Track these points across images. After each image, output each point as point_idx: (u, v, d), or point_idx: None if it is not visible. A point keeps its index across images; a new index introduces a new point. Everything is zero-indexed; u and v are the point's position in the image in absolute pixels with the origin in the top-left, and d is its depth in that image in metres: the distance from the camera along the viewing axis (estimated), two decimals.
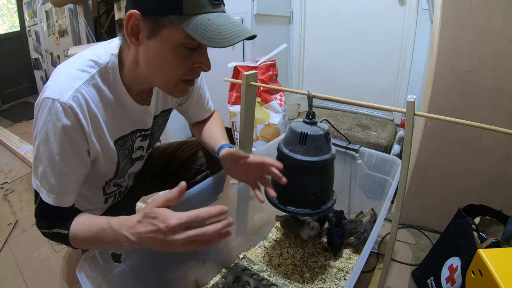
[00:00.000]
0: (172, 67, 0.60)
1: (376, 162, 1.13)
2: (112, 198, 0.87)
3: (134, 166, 0.83)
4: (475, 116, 1.13)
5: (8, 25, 4.27)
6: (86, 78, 0.59)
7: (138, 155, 0.81)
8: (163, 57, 0.58)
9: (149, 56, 0.59)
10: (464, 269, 0.84)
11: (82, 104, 0.57)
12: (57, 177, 0.59)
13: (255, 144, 1.68)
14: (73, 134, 0.58)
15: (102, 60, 0.61)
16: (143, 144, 0.80)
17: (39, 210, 0.63)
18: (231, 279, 0.98)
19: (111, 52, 0.62)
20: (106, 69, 0.61)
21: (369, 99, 0.87)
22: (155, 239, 0.52)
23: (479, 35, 1.08)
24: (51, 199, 0.59)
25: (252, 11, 1.65)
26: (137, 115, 0.71)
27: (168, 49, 0.57)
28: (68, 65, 0.60)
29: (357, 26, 1.86)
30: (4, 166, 2.06)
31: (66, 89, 0.56)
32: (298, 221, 1.15)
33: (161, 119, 0.84)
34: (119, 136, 0.69)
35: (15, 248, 1.28)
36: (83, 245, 0.64)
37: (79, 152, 0.61)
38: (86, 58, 0.60)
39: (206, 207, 0.55)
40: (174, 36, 0.55)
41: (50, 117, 0.55)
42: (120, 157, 0.72)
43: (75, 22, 2.42)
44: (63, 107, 0.55)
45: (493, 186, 1.16)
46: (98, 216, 0.62)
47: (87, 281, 0.61)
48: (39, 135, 0.57)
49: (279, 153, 0.79)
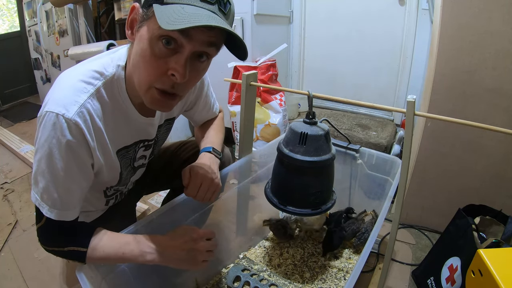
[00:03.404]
0: (146, 65, 0.55)
1: (376, 162, 1.13)
2: (113, 200, 0.87)
3: (136, 174, 0.83)
4: (475, 116, 1.13)
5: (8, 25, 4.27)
6: (91, 92, 0.57)
7: (140, 163, 0.81)
8: (141, 52, 0.54)
9: (134, 51, 0.57)
10: (464, 269, 0.84)
11: (87, 119, 0.56)
12: (61, 192, 0.57)
13: (255, 144, 1.68)
14: (78, 149, 0.56)
15: (108, 72, 0.60)
16: (146, 154, 0.79)
17: (46, 228, 0.61)
18: (231, 279, 0.98)
19: (117, 63, 0.61)
20: (112, 80, 0.60)
21: (369, 99, 0.87)
22: (184, 248, 0.66)
23: (479, 35, 1.08)
24: (53, 214, 0.58)
25: (252, 11, 1.65)
26: (141, 126, 0.70)
27: (147, 43, 0.53)
28: (72, 75, 0.58)
29: (357, 26, 1.86)
30: (4, 166, 2.06)
31: (71, 104, 0.54)
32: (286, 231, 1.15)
33: (165, 127, 0.84)
34: (122, 146, 0.69)
35: (15, 248, 1.28)
36: (100, 261, 0.63)
37: (84, 167, 0.60)
38: (91, 69, 0.59)
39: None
40: (152, 27, 0.52)
41: (54, 133, 0.53)
42: (122, 166, 0.72)
43: (75, 22, 2.42)
44: (68, 123, 0.53)
45: (493, 186, 1.16)
46: (119, 233, 0.66)
47: (87, 281, 0.61)
48: (41, 149, 0.55)
49: (279, 153, 0.79)
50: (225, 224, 1.13)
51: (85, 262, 0.62)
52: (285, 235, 1.15)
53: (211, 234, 0.72)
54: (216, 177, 0.76)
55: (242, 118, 0.99)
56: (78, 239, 0.61)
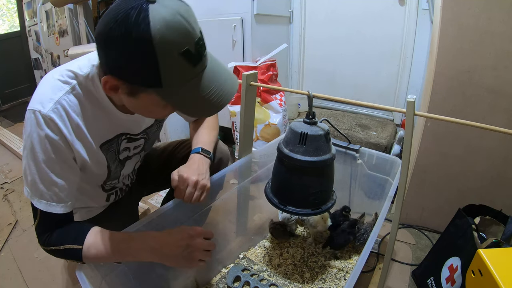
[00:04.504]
0: (147, 114, 0.63)
1: (376, 162, 1.13)
2: (113, 196, 0.88)
3: (125, 167, 0.84)
4: (475, 116, 1.13)
5: (8, 25, 4.28)
6: (67, 89, 0.60)
7: (125, 155, 0.81)
8: (140, 108, 0.60)
9: (128, 103, 0.60)
10: (464, 269, 0.84)
11: (63, 115, 0.59)
12: (46, 185, 0.60)
13: (255, 144, 1.68)
14: (57, 143, 0.59)
15: (82, 72, 0.61)
16: (129, 146, 0.80)
17: (42, 224, 0.63)
18: (231, 279, 0.98)
19: (92, 63, 0.62)
20: (86, 79, 0.62)
21: (369, 99, 0.87)
22: (181, 244, 0.66)
23: (479, 35, 1.08)
24: (42, 205, 0.61)
25: (252, 11, 1.65)
26: (121, 121, 0.71)
27: (146, 106, 0.58)
28: (51, 76, 0.62)
29: (357, 26, 1.86)
30: (4, 166, 2.06)
31: (47, 101, 0.58)
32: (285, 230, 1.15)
33: (156, 126, 0.85)
34: (104, 140, 0.70)
35: (15, 248, 1.28)
36: (96, 259, 0.64)
37: (66, 159, 0.62)
38: (68, 69, 0.62)
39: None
40: (153, 100, 0.54)
41: (33, 128, 0.57)
42: (109, 160, 0.73)
43: (75, 22, 2.42)
44: (44, 119, 0.57)
45: (493, 186, 1.16)
46: (114, 231, 0.65)
47: (87, 281, 0.61)
48: (25, 145, 0.60)
49: (279, 153, 0.78)
50: (225, 224, 1.13)
51: (82, 260, 0.62)
52: (284, 233, 1.15)
53: (209, 234, 0.72)
54: (204, 177, 0.76)
55: (242, 118, 0.99)
56: (73, 236, 0.62)
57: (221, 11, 1.74)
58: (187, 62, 0.50)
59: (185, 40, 0.49)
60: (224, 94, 0.57)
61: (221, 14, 1.75)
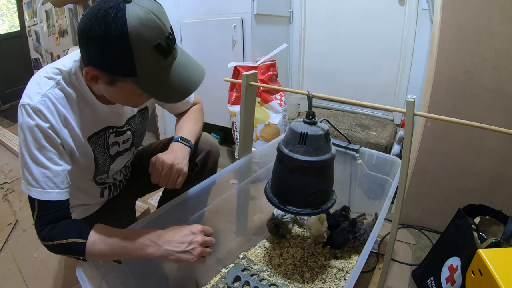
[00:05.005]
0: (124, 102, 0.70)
1: (376, 162, 1.13)
2: (107, 191, 0.88)
3: (116, 163, 0.85)
4: (475, 116, 1.13)
5: (8, 25, 4.28)
6: (52, 84, 0.64)
7: (115, 151, 0.83)
8: (118, 97, 0.66)
9: (106, 92, 0.66)
10: (464, 269, 0.84)
11: (50, 106, 0.63)
12: (41, 170, 0.62)
13: (255, 144, 1.68)
14: (46, 131, 0.63)
15: (65, 68, 0.66)
16: (118, 140, 0.82)
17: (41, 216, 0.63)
18: (231, 279, 0.98)
19: (74, 59, 0.67)
20: (69, 74, 0.66)
21: (369, 99, 0.87)
22: (184, 241, 0.67)
23: (479, 35, 1.08)
24: (37, 194, 0.62)
25: (252, 11, 1.65)
26: (104, 113, 0.74)
27: (124, 94, 0.64)
28: (38, 74, 0.66)
29: (357, 26, 1.86)
30: (4, 166, 2.06)
31: (35, 95, 0.62)
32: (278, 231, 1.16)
33: (139, 118, 0.87)
34: (92, 133, 0.73)
35: (15, 248, 1.28)
36: (99, 255, 0.64)
37: (56, 146, 0.65)
38: (53, 67, 0.66)
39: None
40: (129, 88, 0.61)
41: (24, 119, 0.62)
42: (97, 153, 0.76)
43: (75, 22, 2.41)
44: (33, 110, 0.61)
45: (493, 186, 1.16)
46: (117, 229, 0.67)
47: (87, 281, 0.61)
48: (19, 138, 0.64)
49: (279, 153, 0.79)
50: (225, 224, 1.13)
51: (84, 256, 0.62)
52: (277, 234, 1.15)
53: (209, 230, 0.73)
54: (179, 162, 0.78)
55: (242, 118, 0.99)
56: (77, 230, 0.63)
57: (221, 11, 1.74)
58: (159, 54, 0.57)
59: (157, 35, 0.56)
60: (192, 82, 0.64)
61: (221, 14, 1.74)
